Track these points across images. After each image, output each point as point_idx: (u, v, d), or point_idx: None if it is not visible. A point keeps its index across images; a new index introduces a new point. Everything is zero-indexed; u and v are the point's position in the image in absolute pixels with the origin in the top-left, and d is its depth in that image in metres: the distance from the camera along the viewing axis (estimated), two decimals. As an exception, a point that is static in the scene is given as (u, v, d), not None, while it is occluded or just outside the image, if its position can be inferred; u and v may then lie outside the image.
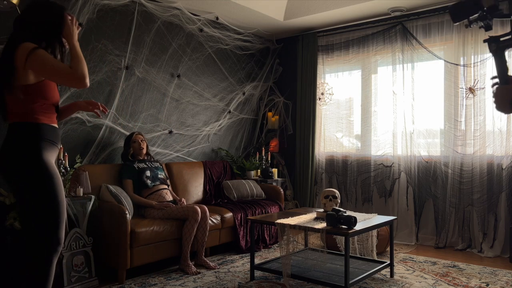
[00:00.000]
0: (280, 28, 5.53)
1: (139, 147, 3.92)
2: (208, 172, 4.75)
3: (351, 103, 5.38)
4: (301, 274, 3.14)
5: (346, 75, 5.42)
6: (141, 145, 3.93)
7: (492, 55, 1.58)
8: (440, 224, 4.60)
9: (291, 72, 5.83)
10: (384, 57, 5.07)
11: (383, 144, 5.06)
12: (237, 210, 4.23)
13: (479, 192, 4.37)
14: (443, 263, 3.91)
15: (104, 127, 4.00)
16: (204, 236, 3.71)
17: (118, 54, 4.11)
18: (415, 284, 3.30)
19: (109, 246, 3.29)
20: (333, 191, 3.56)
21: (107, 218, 3.33)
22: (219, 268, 3.68)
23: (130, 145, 3.92)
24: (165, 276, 3.43)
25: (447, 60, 4.61)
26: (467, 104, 4.46)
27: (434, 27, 4.68)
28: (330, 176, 5.50)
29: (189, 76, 4.86)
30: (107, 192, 3.49)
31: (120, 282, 3.23)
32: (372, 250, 3.60)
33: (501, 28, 4.26)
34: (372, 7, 4.71)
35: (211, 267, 3.65)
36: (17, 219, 2.94)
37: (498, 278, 3.45)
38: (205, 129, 5.06)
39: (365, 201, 5.17)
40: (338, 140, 5.48)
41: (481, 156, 4.39)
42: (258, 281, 3.33)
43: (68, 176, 3.27)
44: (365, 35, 5.18)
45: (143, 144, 3.95)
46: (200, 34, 4.91)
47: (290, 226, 3.10)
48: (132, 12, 4.22)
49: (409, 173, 4.82)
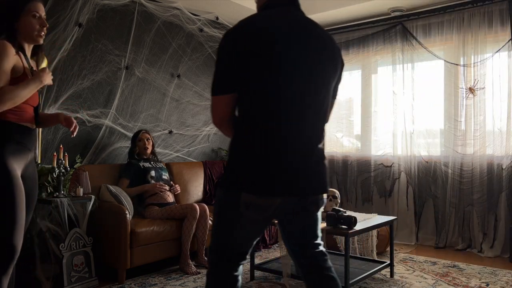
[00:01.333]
0: (280, 28, 5.52)
1: (144, 146, 3.91)
2: (208, 172, 4.75)
3: (351, 103, 5.38)
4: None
5: (346, 75, 5.42)
6: (146, 144, 3.92)
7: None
8: (440, 224, 4.60)
9: (291, 72, 5.82)
10: (384, 57, 5.07)
11: (383, 144, 5.05)
12: (237, 210, 4.22)
13: (479, 192, 4.37)
14: (443, 263, 3.91)
15: (104, 127, 4.00)
16: (205, 234, 3.70)
17: (118, 54, 4.11)
18: (415, 284, 3.30)
19: (109, 246, 3.29)
20: (333, 191, 3.56)
21: (107, 218, 3.33)
22: (219, 268, 3.68)
23: (136, 143, 3.92)
24: (165, 276, 3.43)
25: (447, 60, 4.61)
26: (467, 104, 4.46)
27: (434, 27, 4.68)
28: (330, 176, 5.49)
29: (189, 76, 4.85)
30: (107, 192, 3.49)
31: (120, 282, 3.23)
32: (372, 250, 3.61)
33: (501, 28, 4.26)
34: (372, 7, 4.71)
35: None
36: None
37: (498, 278, 3.45)
38: (205, 129, 5.06)
39: (365, 201, 5.16)
40: (338, 140, 5.47)
41: (481, 156, 4.39)
42: (258, 281, 3.33)
43: (68, 176, 3.27)
44: (365, 35, 5.18)
45: (148, 143, 3.93)
46: (200, 34, 4.91)
47: (290, 226, 3.10)
48: (132, 12, 4.22)
49: (409, 173, 4.82)
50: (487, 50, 4.37)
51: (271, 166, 1.49)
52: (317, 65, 1.57)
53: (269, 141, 1.50)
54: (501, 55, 4.29)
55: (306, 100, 1.55)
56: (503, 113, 4.27)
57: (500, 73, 4.29)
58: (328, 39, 1.64)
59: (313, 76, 1.56)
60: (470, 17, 4.43)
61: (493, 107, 4.32)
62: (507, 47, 4.24)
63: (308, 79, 1.55)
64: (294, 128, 1.53)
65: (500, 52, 4.29)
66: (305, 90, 1.54)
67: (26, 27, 2.02)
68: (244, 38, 1.49)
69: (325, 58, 1.60)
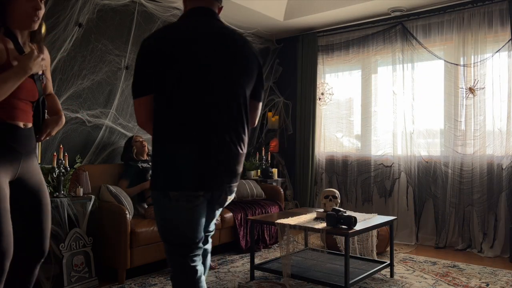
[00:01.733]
0: (280, 28, 5.53)
1: (142, 145, 3.92)
2: (208, 172, 4.75)
3: (351, 103, 5.38)
4: (301, 274, 3.15)
5: (346, 75, 5.42)
6: (143, 142, 3.94)
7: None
8: (440, 224, 4.60)
9: (291, 72, 5.83)
10: (384, 57, 5.07)
11: (383, 144, 5.06)
12: (237, 210, 4.23)
13: (479, 192, 4.37)
14: (443, 263, 3.91)
15: (104, 127, 4.00)
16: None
17: (118, 54, 4.11)
18: (415, 284, 3.30)
19: (109, 246, 3.29)
20: (333, 191, 3.56)
21: (107, 218, 3.33)
22: (219, 268, 3.68)
23: (133, 144, 3.91)
24: (165, 276, 3.42)
25: (447, 60, 4.61)
26: (467, 104, 4.46)
27: (434, 27, 4.68)
28: (330, 176, 5.50)
29: (189, 76, 4.85)
30: (107, 192, 3.49)
31: (120, 282, 3.23)
32: (372, 250, 3.60)
33: (501, 28, 4.26)
34: (372, 7, 4.71)
35: (211, 267, 3.65)
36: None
37: (498, 278, 3.45)
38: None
39: (365, 201, 5.16)
40: (338, 140, 5.48)
41: (481, 156, 4.39)
42: (258, 281, 3.33)
43: (68, 176, 3.27)
44: (365, 35, 5.18)
45: (144, 143, 3.95)
46: (200, 34, 4.91)
47: (290, 226, 3.10)
48: (132, 12, 4.22)
49: (409, 173, 4.82)
50: (487, 50, 4.37)
51: (185, 165, 1.64)
52: (226, 70, 1.70)
53: (181, 141, 1.64)
54: (501, 55, 4.30)
55: (214, 103, 1.68)
56: (503, 113, 4.27)
57: (500, 73, 4.29)
58: (242, 46, 1.77)
59: (223, 81, 1.69)
60: (470, 17, 4.43)
61: (493, 107, 4.33)
62: (507, 47, 4.24)
63: (217, 83, 1.68)
64: (203, 129, 1.66)
65: (500, 52, 4.29)
66: (214, 94, 1.68)
67: (17, 10, 1.75)
68: (159, 44, 1.64)
69: (237, 63, 1.74)
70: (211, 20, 1.76)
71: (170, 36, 1.67)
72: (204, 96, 1.66)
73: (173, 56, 1.62)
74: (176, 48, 1.63)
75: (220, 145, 1.68)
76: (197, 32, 1.69)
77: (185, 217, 1.70)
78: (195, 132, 1.65)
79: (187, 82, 1.64)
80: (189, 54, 1.65)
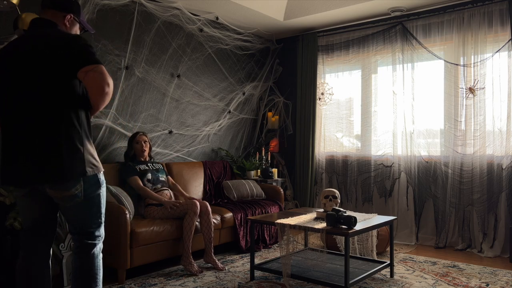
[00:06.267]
0: (280, 28, 5.53)
1: (141, 149, 3.86)
2: (208, 172, 4.75)
3: (351, 103, 5.39)
4: (301, 274, 3.15)
5: (346, 75, 5.42)
6: (144, 147, 3.87)
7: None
8: (440, 224, 4.60)
9: (291, 72, 5.83)
10: (384, 57, 5.07)
11: (383, 144, 5.06)
12: (237, 210, 4.23)
13: (479, 192, 4.37)
14: (443, 263, 3.91)
15: (104, 127, 4.00)
16: (210, 231, 3.66)
17: (118, 54, 4.11)
18: (415, 284, 3.30)
19: (109, 246, 3.28)
20: (333, 191, 3.56)
21: (107, 218, 3.31)
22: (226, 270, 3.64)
23: (133, 145, 3.89)
24: (165, 276, 3.42)
25: (447, 60, 4.61)
26: (467, 104, 4.46)
27: (434, 27, 4.68)
28: (330, 176, 5.50)
29: (189, 76, 4.86)
30: (107, 192, 3.49)
31: (120, 282, 3.23)
32: (372, 250, 3.60)
33: (501, 28, 4.26)
34: (372, 7, 4.71)
35: (218, 268, 3.60)
36: (17, 219, 2.94)
37: (498, 278, 3.45)
38: (205, 129, 5.06)
39: (365, 201, 5.17)
40: (338, 140, 5.48)
41: (481, 156, 4.39)
42: (258, 281, 3.33)
43: (68, 176, 3.26)
44: (365, 35, 5.18)
45: (145, 146, 3.89)
46: (200, 34, 4.91)
47: (290, 226, 3.10)
48: (132, 12, 4.22)
49: (409, 173, 4.82)
50: (487, 50, 4.37)
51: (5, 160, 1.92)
52: (31, 72, 1.89)
53: (3, 141, 1.92)
54: (501, 55, 4.30)
55: (23, 103, 1.89)
56: (503, 113, 4.28)
57: (500, 73, 4.29)
58: (52, 44, 1.93)
59: (28, 82, 1.89)
60: (470, 17, 4.44)
61: (493, 107, 4.33)
62: (507, 47, 4.24)
63: (24, 85, 1.89)
64: (15, 127, 1.90)
65: (500, 52, 4.29)
66: (22, 96, 1.89)
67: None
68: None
69: (40, 62, 1.89)
70: (37, 29, 2.03)
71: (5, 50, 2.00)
72: (12, 102, 1.94)
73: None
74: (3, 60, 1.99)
75: (29, 141, 1.93)
76: (18, 44, 1.99)
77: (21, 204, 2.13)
78: (8, 133, 1.96)
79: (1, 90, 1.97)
80: (5, 65, 1.97)
